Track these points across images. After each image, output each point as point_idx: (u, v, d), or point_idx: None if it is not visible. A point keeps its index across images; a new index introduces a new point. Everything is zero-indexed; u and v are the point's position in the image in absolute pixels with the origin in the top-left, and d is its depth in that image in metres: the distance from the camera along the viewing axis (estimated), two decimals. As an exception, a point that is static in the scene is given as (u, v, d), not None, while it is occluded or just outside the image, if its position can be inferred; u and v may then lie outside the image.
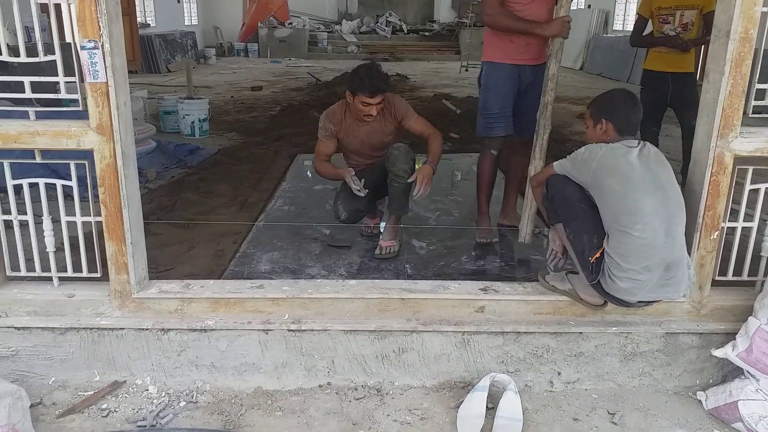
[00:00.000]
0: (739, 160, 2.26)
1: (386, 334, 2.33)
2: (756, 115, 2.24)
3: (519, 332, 2.34)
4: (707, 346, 2.34)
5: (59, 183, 2.33)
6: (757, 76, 2.19)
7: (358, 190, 3.00)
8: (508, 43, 3.04)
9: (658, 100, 4.01)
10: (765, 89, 2.21)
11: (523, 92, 3.15)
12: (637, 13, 4.14)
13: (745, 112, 2.21)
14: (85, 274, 2.38)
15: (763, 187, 2.34)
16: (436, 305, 2.39)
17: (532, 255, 3.17)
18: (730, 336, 2.27)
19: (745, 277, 2.44)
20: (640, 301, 2.24)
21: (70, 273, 2.40)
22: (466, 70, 13.31)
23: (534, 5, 2.97)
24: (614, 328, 2.35)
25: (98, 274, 2.37)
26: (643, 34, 4.14)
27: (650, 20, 4.04)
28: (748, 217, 2.38)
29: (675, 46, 3.87)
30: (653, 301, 2.27)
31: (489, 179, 3.29)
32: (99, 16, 2.05)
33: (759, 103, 2.22)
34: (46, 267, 2.38)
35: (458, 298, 2.41)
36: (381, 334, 2.33)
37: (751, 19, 2.08)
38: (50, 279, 2.40)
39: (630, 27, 13.27)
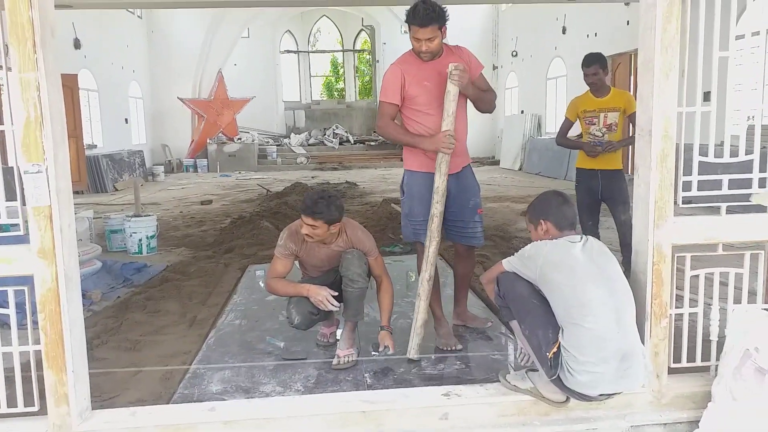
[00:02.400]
0: (677, 248, 2.36)
1: (348, 451, 2.22)
2: (686, 205, 2.38)
3: (485, 437, 2.27)
4: (673, 437, 2.32)
5: (-5, 312, 2.22)
6: (682, 169, 2.34)
7: (335, 306, 3.00)
8: (423, 153, 3.11)
9: (591, 195, 4.23)
10: (690, 181, 2.36)
11: (448, 201, 3.11)
12: (565, 116, 4.43)
13: (675, 203, 2.34)
14: (21, 408, 2.21)
15: (702, 272, 2.44)
16: (398, 415, 2.31)
17: (492, 354, 3.14)
18: (693, 424, 2.27)
19: (699, 362, 2.47)
20: (601, 394, 2.23)
21: (3, 409, 2.22)
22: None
23: (431, 118, 3.07)
24: (579, 425, 2.31)
25: (35, 408, 2.20)
26: (575, 134, 4.42)
27: (578, 122, 4.32)
28: (693, 302, 2.45)
29: (589, 153, 4.13)
30: (614, 394, 2.26)
31: (433, 283, 3.23)
32: (44, 140, 2.06)
33: (686, 194, 2.36)
34: (-24, 404, 2.21)
35: (421, 406, 2.34)
36: (342, 451, 2.22)
37: (669, 120, 2.26)
38: (-19, 417, 2.22)
39: (562, 129, 14.20)
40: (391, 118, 3.13)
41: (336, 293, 3.02)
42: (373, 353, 3.02)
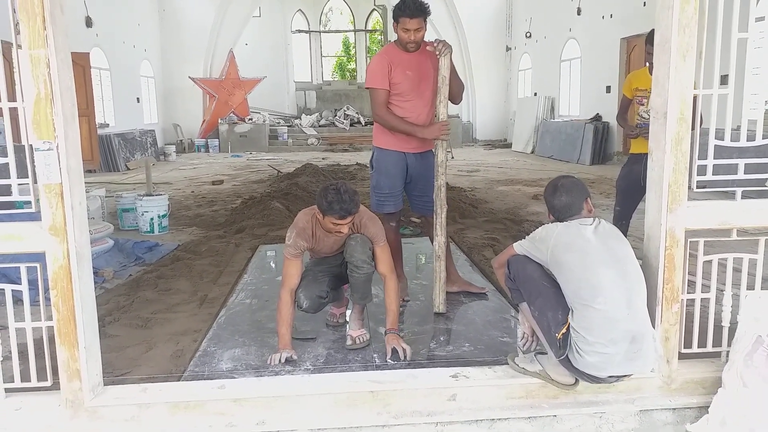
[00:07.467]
0: (690, 233, 2.34)
1: (355, 431, 2.23)
2: (700, 190, 2.34)
3: (493, 419, 2.28)
4: (682, 422, 2.31)
5: (8, 288, 2.24)
6: (697, 153, 2.30)
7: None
8: (391, 133, 3.47)
9: (629, 180, 4.00)
10: (705, 165, 2.32)
11: (410, 176, 3.57)
12: (622, 92, 4.26)
13: (690, 187, 2.31)
14: (34, 383, 2.24)
15: (715, 258, 2.41)
16: (406, 396, 2.32)
17: (500, 337, 3.14)
18: (703, 410, 2.26)
19: (710, 348, 2.45)
20: (610, 376, 2.23)
21: (17, 384, 2.25)
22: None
23: (412, 104, 3.43)
24: (588, 409, 2.31)
25: (48, 383, 2.24)
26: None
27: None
28: (706, 288, 2.43)
29: (626, 135, 4.00)
30: (623, 376, 2.26)
31: (395, 246, 3.50)
32: (54, 117, 2.06)
33: (701, 178, 2.32)
34: (-9, 378, 2.24)
35: (429, 387, 2.35)
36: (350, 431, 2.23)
37: (684, 102, 2.22)
38: (-5, 391, 2.25)
39: (573, 112, 14.04)
40: (386, 106, 3.42)
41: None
42: (389, 360, 2.86)
